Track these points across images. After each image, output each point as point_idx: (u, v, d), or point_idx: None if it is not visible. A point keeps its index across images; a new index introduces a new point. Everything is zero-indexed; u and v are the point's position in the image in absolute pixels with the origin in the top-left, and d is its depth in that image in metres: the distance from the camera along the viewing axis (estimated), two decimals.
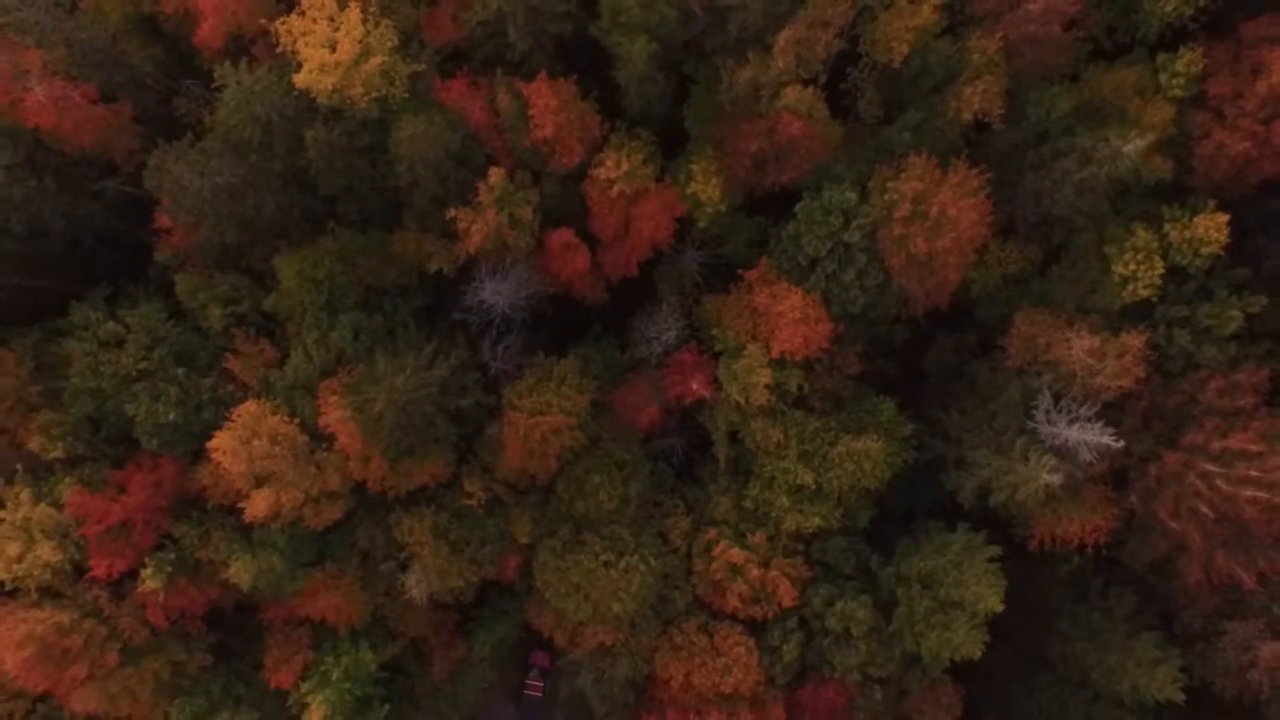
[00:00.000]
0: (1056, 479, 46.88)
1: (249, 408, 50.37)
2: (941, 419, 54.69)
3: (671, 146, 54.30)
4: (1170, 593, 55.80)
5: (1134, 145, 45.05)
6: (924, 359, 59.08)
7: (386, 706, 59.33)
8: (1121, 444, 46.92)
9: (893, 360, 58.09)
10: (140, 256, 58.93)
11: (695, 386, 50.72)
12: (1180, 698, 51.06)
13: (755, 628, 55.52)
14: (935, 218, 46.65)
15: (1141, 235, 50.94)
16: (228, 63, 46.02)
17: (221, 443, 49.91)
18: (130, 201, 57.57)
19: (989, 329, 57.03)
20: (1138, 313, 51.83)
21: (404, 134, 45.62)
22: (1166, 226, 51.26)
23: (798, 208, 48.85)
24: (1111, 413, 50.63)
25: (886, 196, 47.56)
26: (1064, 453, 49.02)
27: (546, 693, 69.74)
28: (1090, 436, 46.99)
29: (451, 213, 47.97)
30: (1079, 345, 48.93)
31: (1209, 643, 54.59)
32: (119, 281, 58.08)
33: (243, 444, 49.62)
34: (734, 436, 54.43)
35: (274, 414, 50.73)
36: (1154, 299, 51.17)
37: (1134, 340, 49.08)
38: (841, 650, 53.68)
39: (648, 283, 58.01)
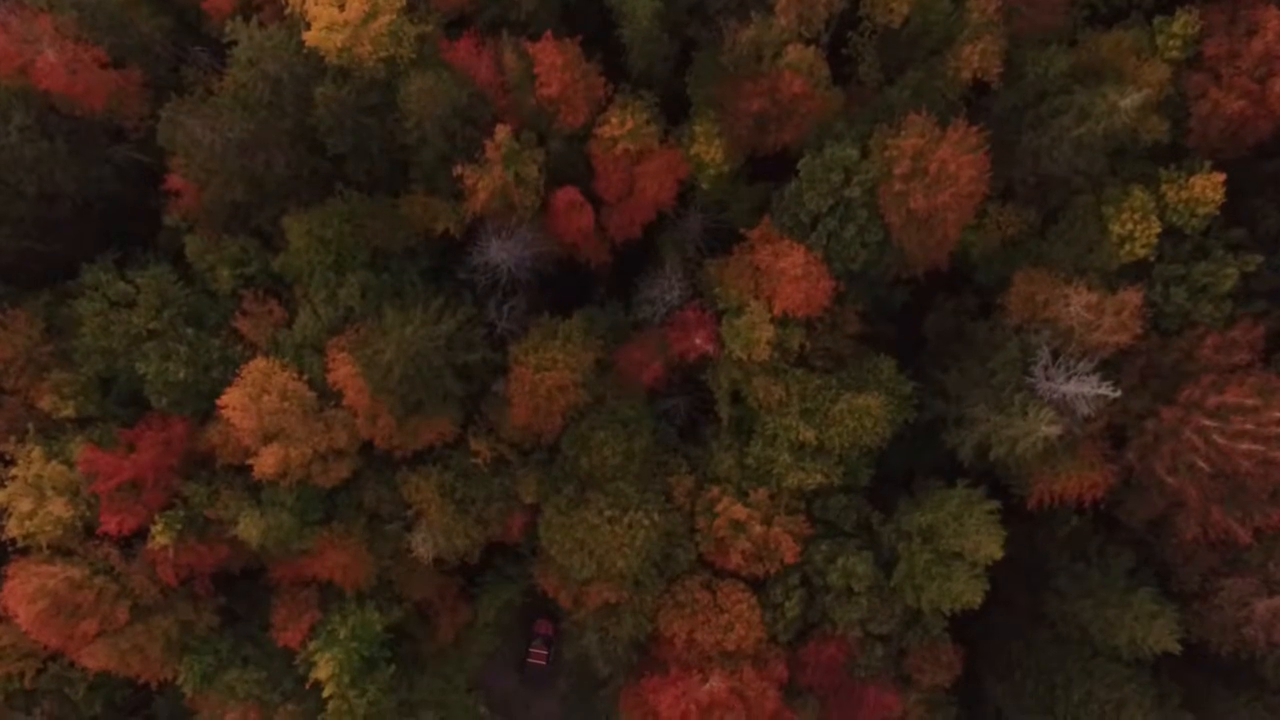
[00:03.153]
0: (1055, 430, 47.52)
1: (258, 364, 51.08)
2: (941, 378, 55.33)
3: (674, 116, 55.02)
4: (1167, 551, 56.49)
5: (1131, 99, 45.70)
6: (923, 322, 59.73)
7: (392, 668, 59.95)
8: (1119, 393, 47.57)
9: (892, 323, 58.76)
10: (149, 223, 59.63)
11: (699, 341, 51.39)
12: (1176, 648, 51.73)
13: (757, 585, 56.12)
14: (934, 174, 47.31)
15: (1139, 196, 51.59)
16: (239, 18, 46.66)
17: (231, 399, 50.58)
18: (140, 168, 58.34)
19: (987, 292, 57.65)
20: (1135, 273, 52.47)
21: (413, 88, 46.31)
22: (1163, 187, 51.93)
23: (800, 164, 49.52)
24: (1109, 370, 51.08)
25: (887, 153, 48.24)
26: (1062, 407, 49.66)
27: (550, 661, 70.35)
28: (1087, 389, 47.64)
29: (458, 170, 48.64)
30: (1077, 301, 49.60)
31: (1205, 600, 55.18)
32: (128, 247, 58.74)
33: (252, 400, 50.29)
34: (736, 396, 55.09)
35: (283, 370, 51.37)
36: (1151, 259, 51.92)
37: (1131, 297, 49.72)
38: (843, 606, 54.28)
39: (651, 248, 58.74)
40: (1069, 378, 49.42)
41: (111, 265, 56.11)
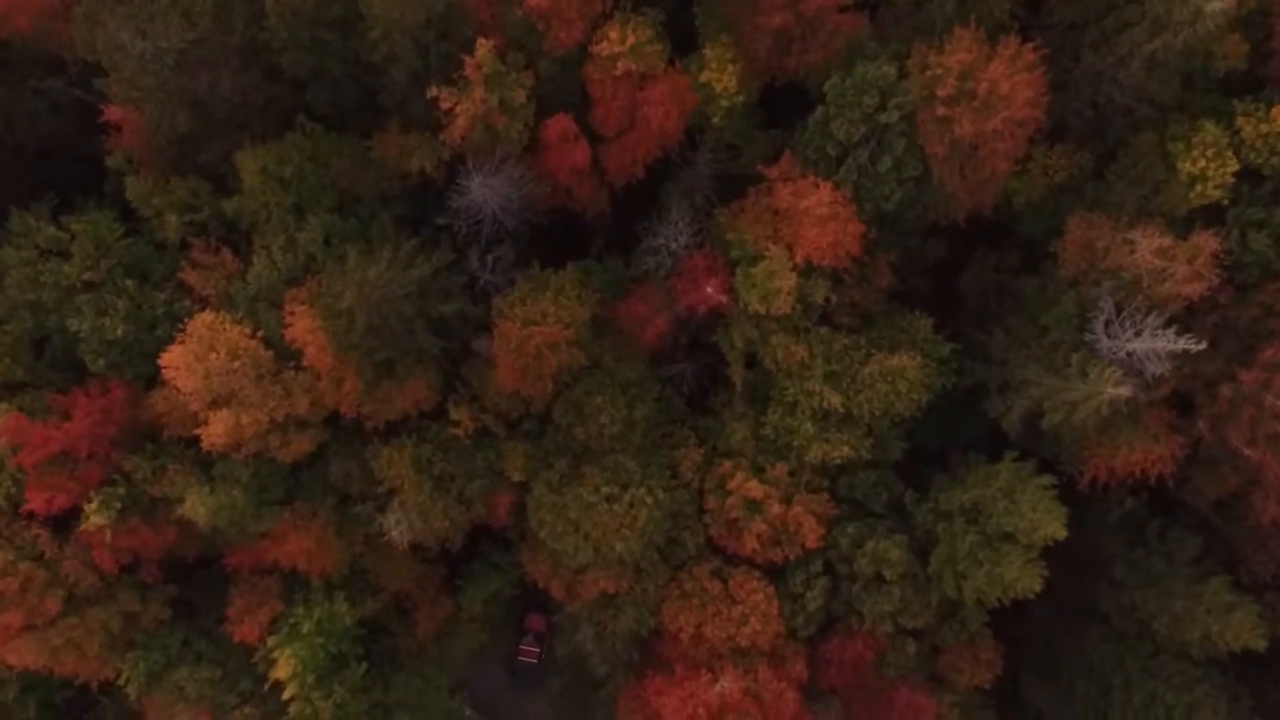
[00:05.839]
0: (1124, 391, 41.22)
1: (205, 318, 44.80)
2: (983, 340, 49.08)
3: (681, 49, 48.75)
4: (1237, 536, 50.44)
5: (1219, 2, 39.21)
6: (960, 279, 53.51)
7: (364, 665, 53.64)
8: (1204, 345, 41.30)
9: (926, 279, 52.47)
10: (94, 170, 53.16)
11: (710, 290, 44.91)
12: (1262, 644, 45.41)
13: (775, 573, 49.92)
14: (984, 96, 40.96)
15: (1210, 131, 45.46)
16: None
17: (175, 358, 44.24)
18: (81, 107, 51.92)
19: (1032, 245, 51.56)
20: (1206, 218, 46.20)
21: None
22: (1239, 121, 45.79)
23: (826, 86, 43.13)
24: (1176, 329, 45.00)
25: (928, 73, 41.92)
26: (1127, 368, 43.43)
27: (542, 659, 64.31)
28: (1162, 344, 41.33)
29: (433, 91, 42.21)
30: (1145, 245, 43.31)
31: None
32: (70, 196, 52.41)
33: (198, 359, 43.93)
34: (751, 358, 48.75)
35: (234, 325, 45.09)
36: (1225, 202, 45.73)
37: (1207, 241, 43.50)
38: (872, 597, 48.00)
39: (654, 199, 52.42)
40: (1136, 334, 43.11)
41: (45, 212, 49.77)
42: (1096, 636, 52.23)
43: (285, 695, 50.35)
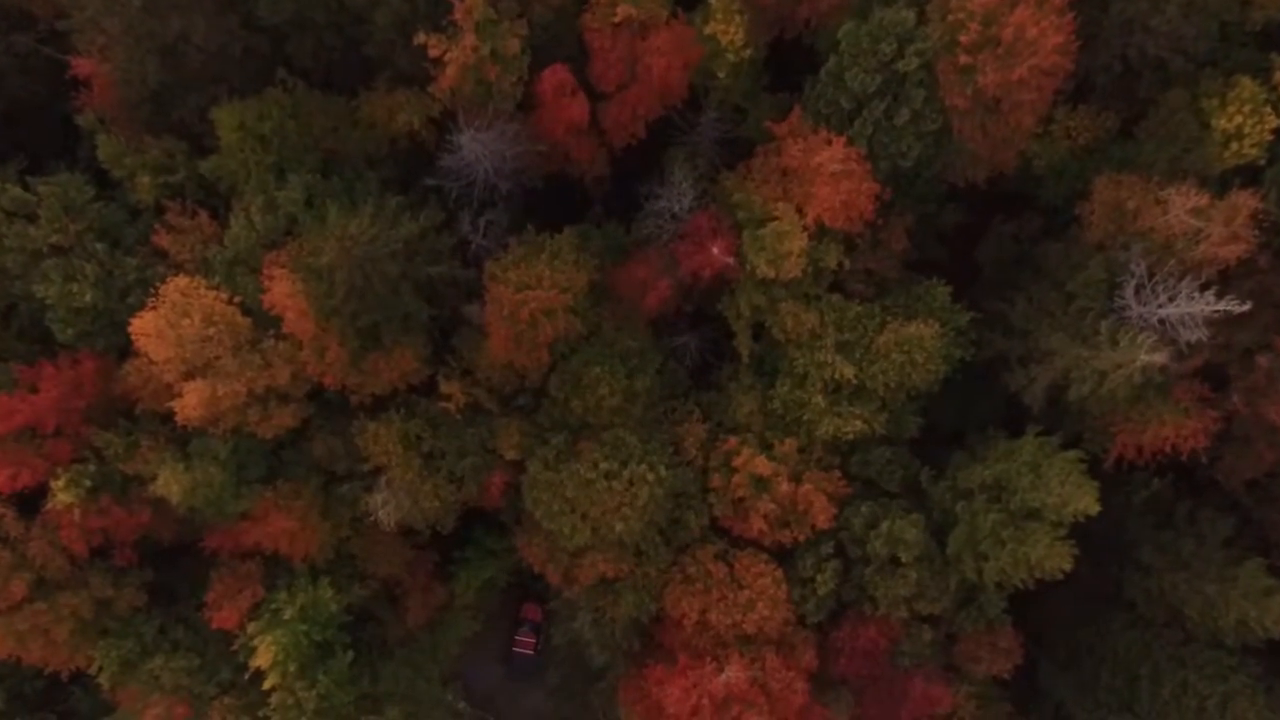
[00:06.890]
0: (1159, 358, 38.61)
1: (178, 282, 42.12)
2: (1003, 310, 46.50)
3: (683, 2, 46.18)
4: (1270, 518, 47.72)
5: None
6: (977, 249, 50.93)
7: (351, 654, 50.93)
8: (1248, 305, 38.70)
9: (943, 248, 49.89)
10: (66, 135, 50.78)
11: (716, 251, 42.23)
12: None
13: (783, 556, 47.32)
14: (1009, 43, 38.36)
15: (1247, 86, 43.08)
16: None
17: (145, 324, 41.63)
18: (53, 67, 49.40)
19: (1053, 213, 49.09)
20: (1241, 178, 43.70)
21: None
22: (1277, 76, 43.43)
23: (841, 33, 40.48)
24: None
25: (950, 18, 39.30)
26: (1159, 336, 40.83)
27: (539, 650, 61.72)
28: (1200, 307, 38.70)
29: (421, 38, 39.61)
30: (1179, 205, 40.72)
31: None
32: (40, 160, 49.83)
33: (171, 325, 41.32)
34: (758, 329, 46.16)
35: (209, 290, 42.46)
36: (1262, 161, 43.30)
37: (1245, 200, 40.96)
38: (886, 581, 45.33)
39: (656, 165, 49.85)
40: (1170, 298, 40.48)
41: (12, 175, 47.19)
42: (1121, 624, 49.62)
43: (266, 685, 47.61)
